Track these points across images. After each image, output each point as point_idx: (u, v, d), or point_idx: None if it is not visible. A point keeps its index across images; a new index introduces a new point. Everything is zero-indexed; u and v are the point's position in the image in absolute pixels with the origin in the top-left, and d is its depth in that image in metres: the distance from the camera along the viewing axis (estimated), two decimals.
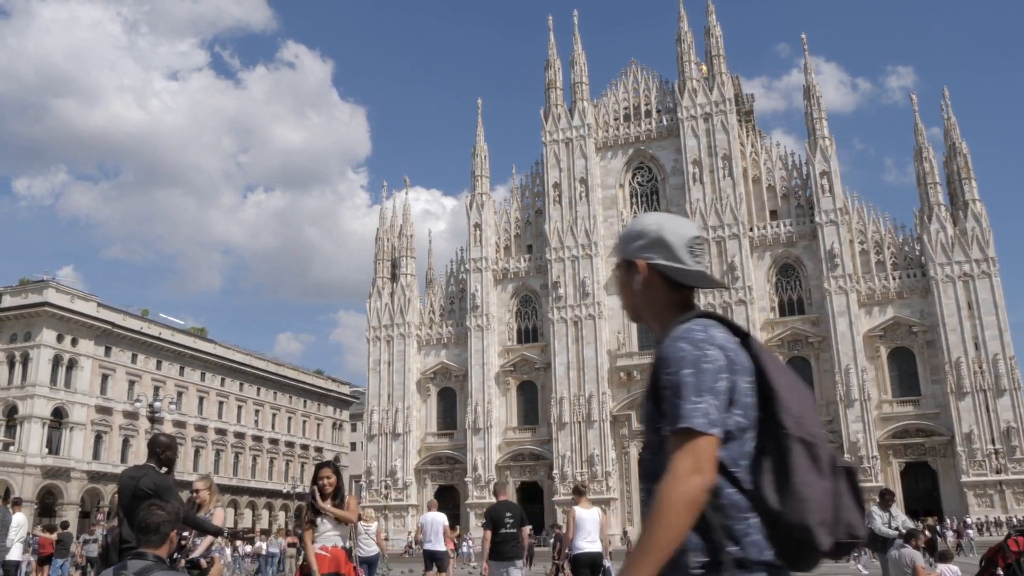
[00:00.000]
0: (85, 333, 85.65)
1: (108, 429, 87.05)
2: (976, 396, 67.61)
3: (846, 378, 70.28)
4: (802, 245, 76.02)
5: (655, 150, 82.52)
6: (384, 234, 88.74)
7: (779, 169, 79.30)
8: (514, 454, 79.38)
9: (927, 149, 74.43)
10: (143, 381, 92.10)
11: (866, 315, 72.87)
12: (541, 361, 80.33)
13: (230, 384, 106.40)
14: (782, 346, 74.26)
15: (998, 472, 65.74)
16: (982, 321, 68.94)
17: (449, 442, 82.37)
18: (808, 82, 79.05)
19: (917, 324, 71.43)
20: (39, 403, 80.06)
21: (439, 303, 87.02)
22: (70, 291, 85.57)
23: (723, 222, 76.48)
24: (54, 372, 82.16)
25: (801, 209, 77.19)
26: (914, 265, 73.22)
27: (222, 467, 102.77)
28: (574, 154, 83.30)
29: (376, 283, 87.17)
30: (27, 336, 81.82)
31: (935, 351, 70.28)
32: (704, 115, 79.89)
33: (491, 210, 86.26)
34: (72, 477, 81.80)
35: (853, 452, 68.41)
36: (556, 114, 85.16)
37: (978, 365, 68.20)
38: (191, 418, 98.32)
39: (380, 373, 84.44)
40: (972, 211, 71.78)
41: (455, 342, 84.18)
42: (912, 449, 69.78)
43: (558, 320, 79.22)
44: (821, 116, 77.41)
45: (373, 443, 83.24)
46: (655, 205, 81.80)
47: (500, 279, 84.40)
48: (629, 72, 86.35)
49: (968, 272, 70.34)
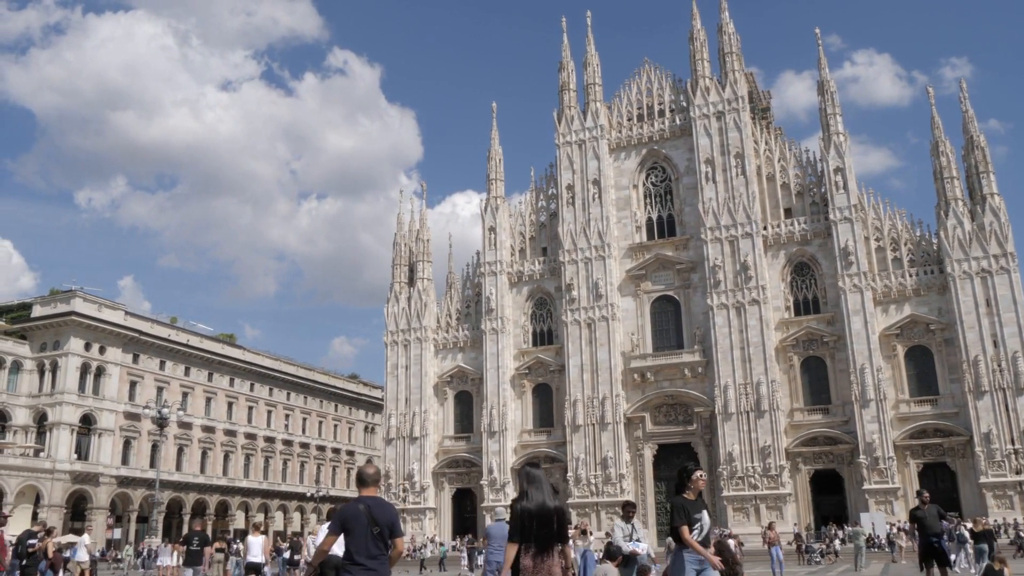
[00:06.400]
0: (113, 341, 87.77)
1: (136, 435, 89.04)
2: (995, 395, 65.99)
3: (861, 378, 69.09)
4: (817, 243, 74.93)
5: (668, 150, 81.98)
6: (401, 239, 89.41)
7: (793, 167, 78.24)
8: (529, 456, 79.34)
9: (943, 143, 72.86)
10: (171, 387, 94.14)
11: (882, 313, 71.57)
12: (556, 364, 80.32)
13: (259, 389, 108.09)
14: (797, 346, 73.38)
15: (1018, 473, 64.09)
16: (1000, 318, 67.26)
17: (466, 445, 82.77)
18: (822, 78, 77.85)
19: (934, 322, 69.95)
20: (68, 410, 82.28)
21: (455, 307, 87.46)
22: (97, 300, 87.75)
23: (736, 221, 75.70)
24: (82, 380, 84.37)
25: (816, 207, 76.10)
26: (931, 261, 71.73)
27: (252, 471, 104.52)
28: (587, 155, 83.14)
29: (393, 288, 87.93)
30: (56, 345, 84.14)
31: (953, 349, 68.77)
32: (717, 113, 79.17)
33: (506, 213, 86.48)
34: (101, 482, 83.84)
35: (869, 453, 67.33)
36: (569, 116, 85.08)
37: (997, 363, 66.57)
38: (220, 423, 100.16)
39: (398, 377, 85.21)
40: (990, 205, 70.09)
41: (471, 345, 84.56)
42: (930, 449, 68.33)
43: (571, 322, 79.14)
44: (835, 112, 76.20)
45: (391, 447, 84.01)
46: (668, 205, 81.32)
47: (515, 282, 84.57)
48: (642, 72, 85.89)
49: (986, 268, 68.68)
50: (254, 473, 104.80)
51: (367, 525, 8.70)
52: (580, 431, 76.29)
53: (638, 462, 75.81)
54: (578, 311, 79.23)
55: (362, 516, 8.73)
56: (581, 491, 74.72)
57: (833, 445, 70.45)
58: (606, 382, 76.73)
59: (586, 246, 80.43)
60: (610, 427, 75.45)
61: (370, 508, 8.80)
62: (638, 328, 78.40)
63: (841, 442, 69.87)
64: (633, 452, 75.97)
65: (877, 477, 67.03)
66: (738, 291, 74.07)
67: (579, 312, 79.20)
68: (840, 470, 70.48)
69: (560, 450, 77.93)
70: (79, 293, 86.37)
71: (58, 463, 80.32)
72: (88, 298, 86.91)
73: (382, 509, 8.88)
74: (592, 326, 78.51)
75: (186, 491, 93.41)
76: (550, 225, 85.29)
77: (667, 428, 75.93)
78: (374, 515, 8.76)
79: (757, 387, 71.58)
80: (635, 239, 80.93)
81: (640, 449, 75.86)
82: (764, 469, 69.96)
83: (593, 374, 77.34)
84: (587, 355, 78.05)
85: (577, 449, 76.00)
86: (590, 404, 76.58)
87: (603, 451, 75.10)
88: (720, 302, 74.46)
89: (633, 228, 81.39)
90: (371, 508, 8.80)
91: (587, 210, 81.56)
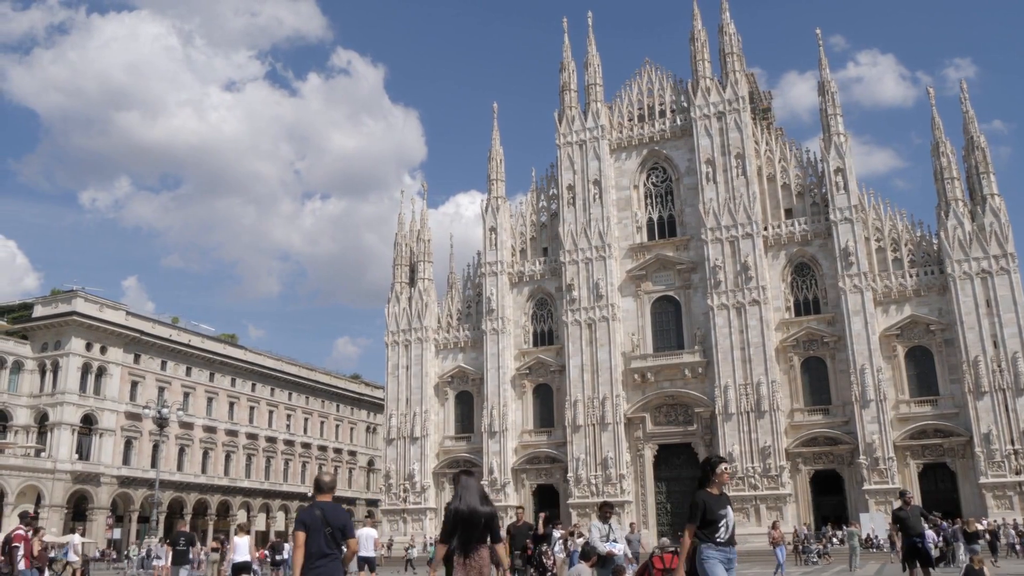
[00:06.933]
0: (114, 341, 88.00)
1: (138, 435, 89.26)
2: (995, 396, 65.86)
3: (862, 378, 69.03)
4: (817, 243, 74.87)
5: (669, 150, 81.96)
6: (402, 239, 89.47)
7: (794, 167, 78.20)
8: (530, 457, 79.50)
9: (944, 143, 72.73)
10: (173, 387, 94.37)
11: (882, 314, 71.49)
12: (556, 364, 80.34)
13: (261, 389, 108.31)
14: (797, 346, 73.33)
15: (1017, 473, 63.93)
16: (1001, 319, 67.13)
17: (466, 445, 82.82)
18: (823, 78, 77.77)
19: (935, 322, 69.85)
20: (69, 410, 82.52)
21: (456, 307, 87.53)
22: (99, 300, 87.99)
23: (736, 221, 75.66)
24: (83, 380, 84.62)
25: (816, 207, 76.04)
26: (932, 262, 71.64)
27: (253, 471, 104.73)
28: (588, 156, 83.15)
29: (394, 288, 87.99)
30: (57, 345, 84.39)
31: (953, 350, 68.67)
32: (717, 114, 79.14)
33: (507, 213, 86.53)
34: (102, 482, 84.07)
35: (869, 453, 67.25)
36: (570, 116, 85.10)
37: (997, 364, 66.44)
38: (221, 423, 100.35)
39: (398, 377, 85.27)
40: (990, 206, 69.98)
41: (472, 346, 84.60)
42: (930, 450, 68.23)
43: (572, 323, 79.15)
44: (836, 112, 76.11)
45: (392, 447, 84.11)
46: (669, 205, 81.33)
47: (516, 282, 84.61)
48: (643, 72, 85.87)
49: (986, 268, 68.57)
50: (255, 473, 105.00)
51: (321, 527, 9.83)
52: (580, 431, 76.29)
53: (638, 462, 75.80)
54: (579, 311, 79.25)
55: (317, 519, 9.84)
56: (581, 491, 74.70)
57: (833, 445, 70.39)
58: (606, 382, 76.72)
59: (587, 246, 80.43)
60: (610, 427, 75.45)
61: (324, 512, 9.93)
62: (638, 328, 78.41)
63: (841, 442, 69.82)
64: (633, 452, 75.96)
65: (877, 477, 66.95)
66: (738, 291, 74.05)
67: (580, 312, 79.22)
68: (840, 470, 70.40)
69: (560, 450, 77.93)
70: (80, 293, 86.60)
71: (59, 463, 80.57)
72: (89, 298, 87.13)
73: (335, 513, 10.01)
74: (592, 326, 78.52)
75: (187, 491, 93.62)
76: (551, 225, 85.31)
77: (667, 428, 75.91)
78: (328, 518, 9.89)
79: (757, 387, 71.55)
80: (636, 239, 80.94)
81: (640, 449, 75.85)
82: (764, 469, 69.93)
83: (593, 374, 77.34)
84: (587, 355, 78.05)
85: (577, 449, 76.00)
86: (590, 404, 76.58)
87: (603, 451, 75.09)
88: (720, 302, 74.45)
89: (634, 228, 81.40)
90: (325, 512, 9.94)
91: (588, 210, 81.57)
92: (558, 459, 77.92)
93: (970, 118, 73.22)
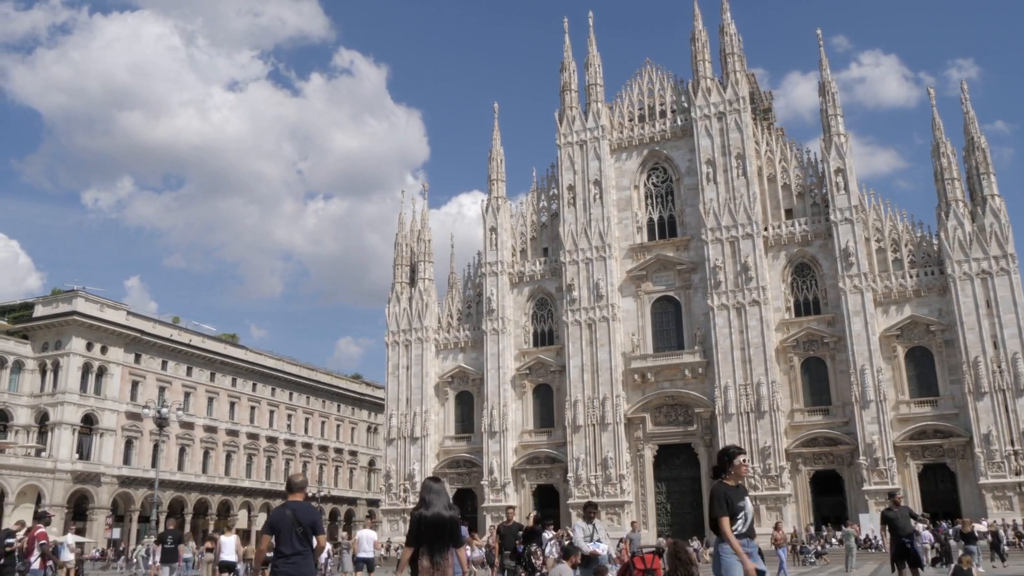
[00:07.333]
0: (115, 341, 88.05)
1: (138, 435, 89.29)
2: (995, 396, 65.81)
3: (861, 379, 69.00)
4: (817, 244, 74.84)
5: (669, 150, 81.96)
6: (403, 239, 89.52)
7: (794, 167, 78.16)
8: (530, 457, 79.52)
9: (944, 144, 72.69)
10: (173, 387, 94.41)
11: (883, 314, 71.45)
12: (556, 364, 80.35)
13: (262, 389, 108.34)
14: (797, 347, 73.31)
15: (1017, 474, 63.88)
16: (1001, 319, 67.09)
17: (467, 445, 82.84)
18: (823, 79, 77.73)
19: (935, 323, 69.80)
20: (69, 410, 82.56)
21: (456, 307, 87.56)
22: (99, 300, 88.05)
23: (737, 221, 75.64)
24: (84, 379, 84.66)
25: (817, 208, 76.00)
26: (932, 263, 71.58)
27: (254, 471, 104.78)
28: (588, 156, 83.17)
29: (395, 288, 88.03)
30: (58, 345, 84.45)
31: (953, 350, 68.62)
32: (718, 114, 79.13)
33: (507, 214, 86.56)
34: (103, 482, 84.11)
35: (869, 454, 67.23)
36: (570, 116, 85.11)
37: (997, 364, 66.39)
38: (222, 423, 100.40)
39: (399, 377, 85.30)
40: (990, 207, 69.91)
41: (472, 346, 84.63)
42: (930, 451, 68.18)
43: (572, 323, 79.17)
44: (837, 113, 76.07)
45: (392, 447, 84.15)
46: (669, 205, 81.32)
47: (516, 282, 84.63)
48: (644, 73, 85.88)
49: (986, 269, 68.52)
50: (256, 473, 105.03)
51: (292, 526, 10.34)
52: (580, 431, 76.30)
53: (638, 463, 75.80)
54: (579, 311, 79.25)
55: (287, 519, 10.34)
56: (581, 491, 74.65)
57: (833, 446, 70.36)
58: (606, 382, 76.72)
59: (587, 246, 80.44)
60: (610, 427, 75.46)
61: (295, 511, 10.45)
62: (639, 329, 78.41)
63: (841, 443, 69.79)
64: (633, 453, 75.96)
65: (877, 478, 66.88)
66: (738, 292, 74.03)
67: (580, 312, 79.22)
68: (840, 471, 70.37)
69: (560, 450, 77.94)
70: (81, 293, 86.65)
71: (59, 463, 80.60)
72: (90, 298, 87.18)
73: (305, 512, 10.52)
74: (593, 326, 78.52)
75: (188, 491, 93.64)
76: (551, 225, 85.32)
77: (667, 429, 75.90)
78: (298, 517, 10.40)
79: (757, 388, 71.53)
80: (636, 240, 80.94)
81: (640, 450, 75.86)
82: (764, 470, 69.92)
83: (594, 374, 77.35)
84: (588, 355, 78.06)
85: (577, 449, 76.00)
86: (590, 404, 76.59)
87: (603, 451, 75.10)
88: (720, 303, 74.44)
89: (634, 229, 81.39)
90: (296, 511, 10.46)
91: (588, 211, 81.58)
92: (558, 459, 77.93)
93: (971, 119, 73.16)
